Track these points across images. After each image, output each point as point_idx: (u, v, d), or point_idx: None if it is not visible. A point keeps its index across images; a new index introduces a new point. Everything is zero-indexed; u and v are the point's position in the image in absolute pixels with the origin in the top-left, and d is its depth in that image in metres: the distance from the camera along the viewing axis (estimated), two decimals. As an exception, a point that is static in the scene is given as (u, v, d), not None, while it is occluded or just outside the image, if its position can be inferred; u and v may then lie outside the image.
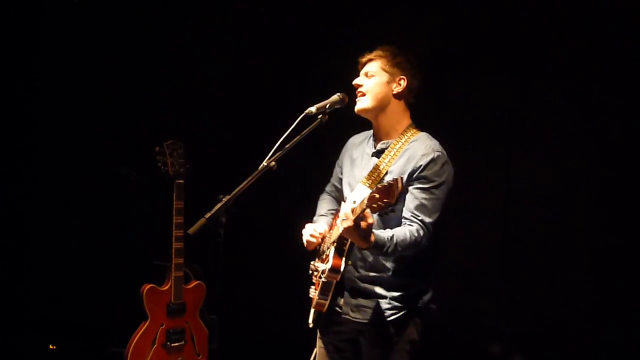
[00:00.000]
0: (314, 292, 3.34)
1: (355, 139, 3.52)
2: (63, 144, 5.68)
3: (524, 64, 4.71)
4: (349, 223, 2.92)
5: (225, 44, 5.40)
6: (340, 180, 3.54)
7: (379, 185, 2.81)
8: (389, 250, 3.03)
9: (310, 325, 3.41)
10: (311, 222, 3.51)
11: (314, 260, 3.44)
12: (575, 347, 4.68)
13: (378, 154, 3.31)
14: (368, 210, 2.85)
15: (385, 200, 2.75)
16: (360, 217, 2.89)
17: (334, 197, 3.62)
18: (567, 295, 4.69)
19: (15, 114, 5.67)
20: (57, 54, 5.66)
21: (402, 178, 2.78)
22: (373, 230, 2.97)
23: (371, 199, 2.81)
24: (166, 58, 5.47)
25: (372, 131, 3.41)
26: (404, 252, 3.08)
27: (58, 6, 5.62)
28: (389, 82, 3.26)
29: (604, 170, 4.59)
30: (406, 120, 3.32)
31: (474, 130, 4.79)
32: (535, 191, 4.74)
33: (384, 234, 3.04)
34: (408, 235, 3.07)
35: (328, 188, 3.67)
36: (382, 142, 3.32)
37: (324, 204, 3.61)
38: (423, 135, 3.29)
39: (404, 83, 3.27)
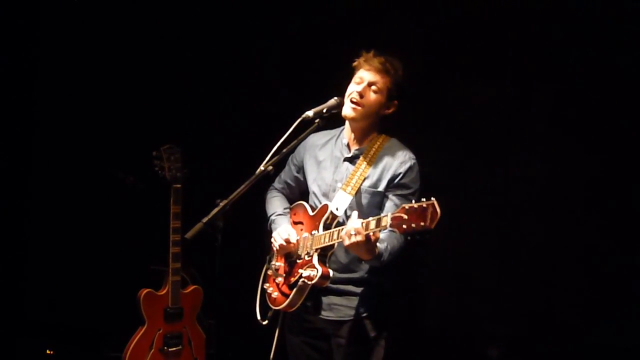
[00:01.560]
0: (275, 293, 3.38)
1: (316, 139, 3.51)
2: (60, 148, 5.67)
3: (522, 68, 4.71)
4: (360, 238, 2.96)
5: (222, 47, 5.40)
6: (296, 178, 3.59)
7: (407, 207, 2.84)
8: (384, 259, 3.13)
9: (265, 323, 3.43)
10: (269, 219, 3.57)
11: (274, 260, 3.48)
12: (573, 350, 4.68)
13: (352, 159, 3.36)
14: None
15: (421, 223, 2.78)
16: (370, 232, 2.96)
17: (284, 195, 3.66)
18: (565, 299, 4.69)
19: (13, 117, 5.66)
20: (56, 56, 5.65)
21: (437, 201, 2.79)
22: None
23: (397, 219, 2.84)
24: (164, 62, 5.46)
25: (339, 132, 3.46)
26: (392, 257, 3.16)
27: (55, 12, 5.62)
28: (384, 104, 3.31)
29: (601, 174, 4.58)
30: (378, 128, 3.39)
31: (472, 134, 4.79)
32: (533, 195, 4.73)
33: (381, 244, 3.10)
34: (396, 243, 3.16)
35: (278, 185, 3.68)
36: (355, 148, 3.37)
37: (277, 202, 3.63)
38: (395, 141, 3.37)
39: (394, 108, 3.34)
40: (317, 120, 3.24)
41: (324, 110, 3.25)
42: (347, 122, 3.38)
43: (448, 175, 4.69)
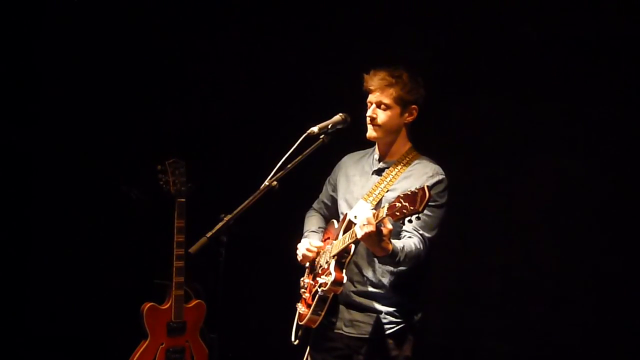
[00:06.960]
0: (303, 309, 3.35)
1: (350, 158, 3.56)
2: (65, 161, 5.68)
3: (527, 87, 4.72)
4: (371, 228, 2.93)
5: (227, 62, 5.42)
6: (332, 197, 3.59)
7: (401, 195, 2.86)
8: (400, 260, 3.08)
9: (295, 342, 3.42)
10: (301, 238, 3.55)
11: (303, 276, 3.46)
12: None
13: (379, 172, 3.36)
14: (387, 219, 2.91)
15: (411, 208, 2.81)
16: (381, 223, 2.94)
17: (322, 215, 3.66)
18: (568, 317, 4.68)
19: (16, 131, 5.67)
20: (58, 68, 5.66)
21: (429, 187, 2.82)
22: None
23: (392, 207, 2.86)
24: (169, 76, 5.49)
25: (372, 150, 3.46)
26: (409, 263, 3.12)
27: (57, 26, 5.65)
28: (400, 114, 3.30)
29: (606, 192, 4.58)
30: (409, 142, 3.39)
31: (476, 152, 4.80)
32: (537, 213, 4.74)
33: (397, 244, 3.07)
34: (413, 247, 3.13)
35: (316, 205, 3.70)
36: (384, 161, 3.37)
37: (313, 221, 3.64)
38: (426, 158, 3.37)
39: (415, 112, 3.34)
40: (322, 136, 3.24)
41: (329, 126, 3.26)
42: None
43: (452, 192, 4.69)
